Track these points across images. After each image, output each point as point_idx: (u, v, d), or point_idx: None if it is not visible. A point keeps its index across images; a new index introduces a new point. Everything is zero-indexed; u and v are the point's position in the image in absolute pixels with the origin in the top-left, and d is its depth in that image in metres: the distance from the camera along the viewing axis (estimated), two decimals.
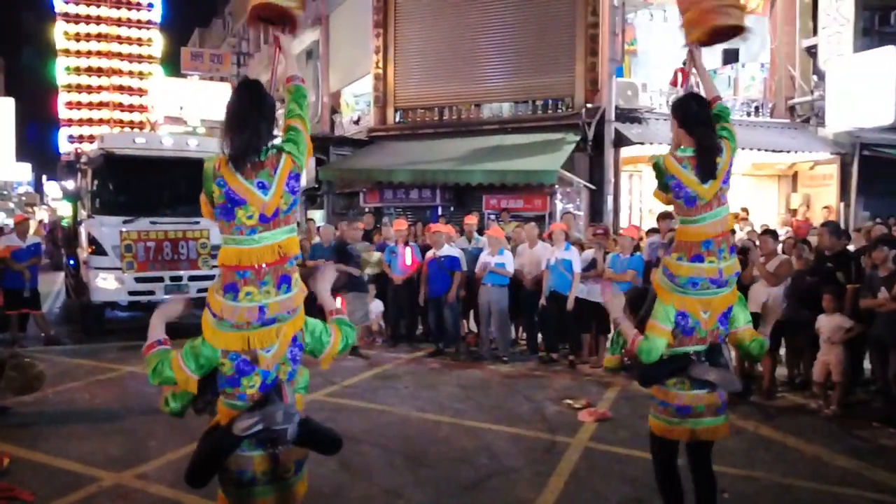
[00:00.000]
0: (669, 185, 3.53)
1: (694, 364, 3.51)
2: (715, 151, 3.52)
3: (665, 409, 3.66)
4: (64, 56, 34.64)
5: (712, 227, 3.49)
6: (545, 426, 6.30)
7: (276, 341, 2.80)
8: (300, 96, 3.14)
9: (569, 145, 13.41)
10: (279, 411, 2.69)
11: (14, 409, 6.43)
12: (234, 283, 2.78)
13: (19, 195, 51.38)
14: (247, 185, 2.80)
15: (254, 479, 2.81)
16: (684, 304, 3.49)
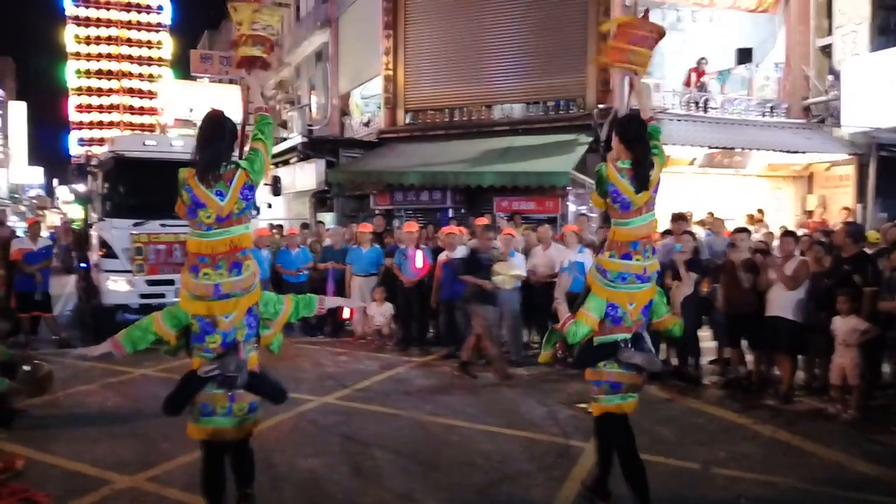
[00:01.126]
0: (608, 192, 4.13)
1: (622, 350, 4.11)
2: (649, 166, 4.10)
3: (600, 389, 4.25)
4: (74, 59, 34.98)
5: (640, 229, 4.12)
6: (559, 430, 6.23)
7: (234, 310, 3.82)
8: (264, 124, 4.13)
9: (581, 146, 13.33)
10: (233, 363, 3.76)
11: (28, 411, 6.42)
12: (195, 265, 3.79)
13: (31, 198, 51.73)
14: (207, 193, 3.75)
15: (213, 412, 3.87)
16: (614, 297, 4.11)
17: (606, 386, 4.22)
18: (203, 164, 3.79)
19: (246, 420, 3.99)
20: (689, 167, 14.65)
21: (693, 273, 7.84)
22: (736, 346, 7.96)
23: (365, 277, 10.57)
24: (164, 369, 8.54)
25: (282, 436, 6.00)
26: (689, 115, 14.49)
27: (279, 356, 9.26)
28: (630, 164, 4.08)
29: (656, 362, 4.42)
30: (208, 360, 3.79)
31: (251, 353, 3.97)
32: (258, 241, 10.81)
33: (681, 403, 7.21)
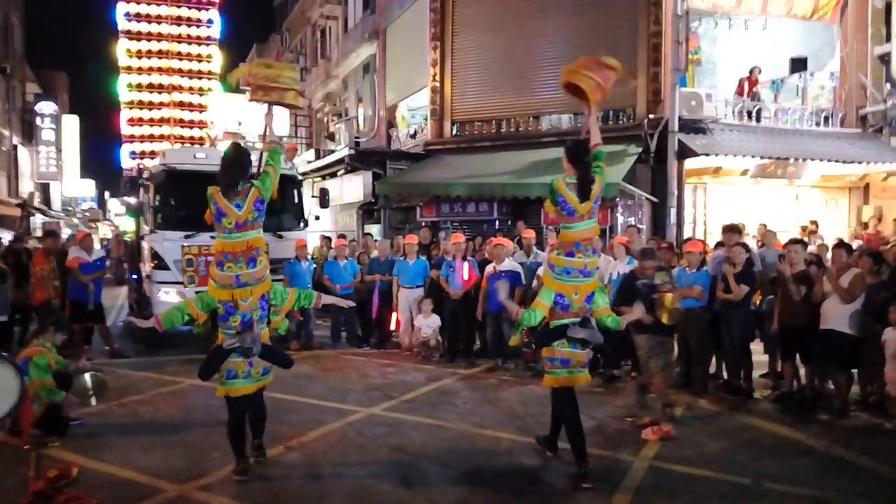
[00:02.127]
0: (558, 201, 5.15)
1: (570, 328, 5.13)
2: (590, 181, 5.11)
3: (553, 365, 5.31)
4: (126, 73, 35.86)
5: (582, 233, 5.16)
6: (607, 444, 6.12)
7: (250, 296, 5.01)
8: (275, 153, 5.30)
9: (630, 157, 13.13)
10: (249, 337, 4.91)
11: (82, 420, 6.55)
12: (220, 261, 5.01)
13: (83, 211, 53.18)
14: (228, 205, 4.98)
15: (236, 376, 5.09)
16: (561, 288, 5.15)
17: (558, 362, 5.29)
18: (225, 183, 5.02)
19: (261, 380, 5.27)
20: (742, 178, 14.34)
21: (744, 286, 7.66)
22: (789, 359, 7.74)
23: (411, 289, 10.57)
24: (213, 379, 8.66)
25: (329, 446, 6.00)
26: (741, 124, 14.21)
27: (328, 367, 9.37)
28: (576, 180, 5.11)
29: (598, 336, 5.25)
30: (230, 335, 4.95)
31: (263, 331, 5.13)
32: (298, 252, 10.91)
33: (732, 417, 7.03)
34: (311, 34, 30.92)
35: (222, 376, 5.08)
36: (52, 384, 6.15)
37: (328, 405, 7.39)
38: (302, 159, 24.23)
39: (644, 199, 13.45)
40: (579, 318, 5.15)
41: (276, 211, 11.59)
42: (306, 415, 7.01)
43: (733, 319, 7.82)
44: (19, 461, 5.32)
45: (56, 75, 46.13)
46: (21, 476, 5.00)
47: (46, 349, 6.34)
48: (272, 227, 11.11)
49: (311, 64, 30.66)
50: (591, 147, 5.26)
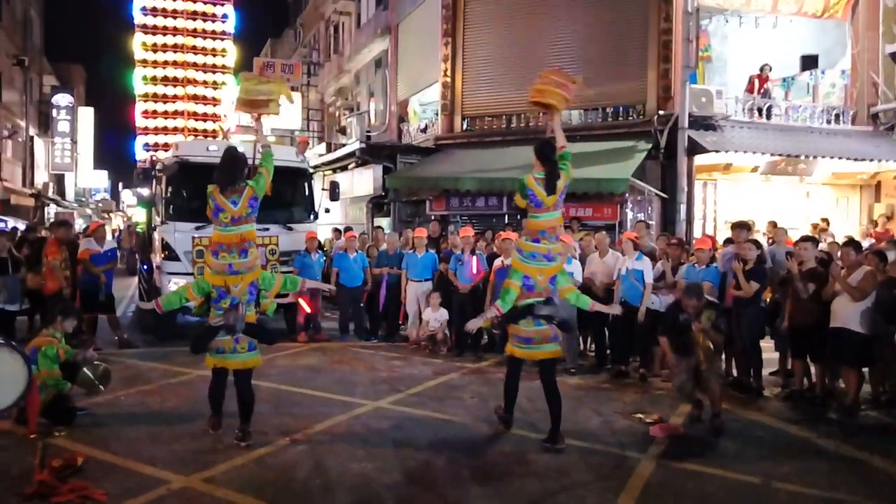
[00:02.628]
0: (527, 194, 5.84)
1: (535, 307, 5.78)
2: (556, 177, 5.82)
3: (517, 340, 5.99)
4: (141, 66, 36.00)
5: (547, 222, 5.84)
6: (615, 441, 6.10)
7: (240, 283, 5.66)
8: (267, 156, 6.04)
9: (640, 153, 13.08)
10: (232, 316, 5.59)
11: (89, 409, 6.57)
12: (216, 251, 5.69)
13: (96, 202, 53.50)
14: (225, 201, 5.66)
15: (224, 351, 5.75)
16: (527, 270, 5.80)
17: (522, 339, 5.95)
18: (223, 182, 5.71)
19: (248, 357, 5.85)
20: (752, 174, 14.26)
21: (754, 283, 7.61)
22: (799, 357, 7.69)
23: (420, 282, 10.57)
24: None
25: (335, 439, 6.01)
26: (751, 121, 14.13)
27: (335, 360, 9.40)
28: (543, 175, 5.82)
29: (559, 312, 6.01)
30: (217, 315, 5.66)
31: (249, 312, 5.76)
32: (308, 244, 10.94)
33: (741, 415, 6.98)
34: (324, 29, 30.95)
35: (212, 350, 5.79)
36: (59, 374, 6.19)
37: (335, 398, 7.41)
38: (313, 152, 24.27)
39: (654, 194, 13.40)
40: (543, 297, 5.82)
41: (287, 203, 11.66)
42: (312, 407, 7.03)
43: (743, 316, 7.78)
44: (25, 450, 5.37)
45: (73, 68, 46.44)
46: (27, 465, 5.04)
47: (56, 339, 6.38)
48: (283, 220, 11.15)
49: (324, 59, 30.69)
50: (559, 148, 5.94)
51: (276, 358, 9.60)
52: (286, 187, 11.83)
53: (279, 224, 11.05)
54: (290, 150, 13.08)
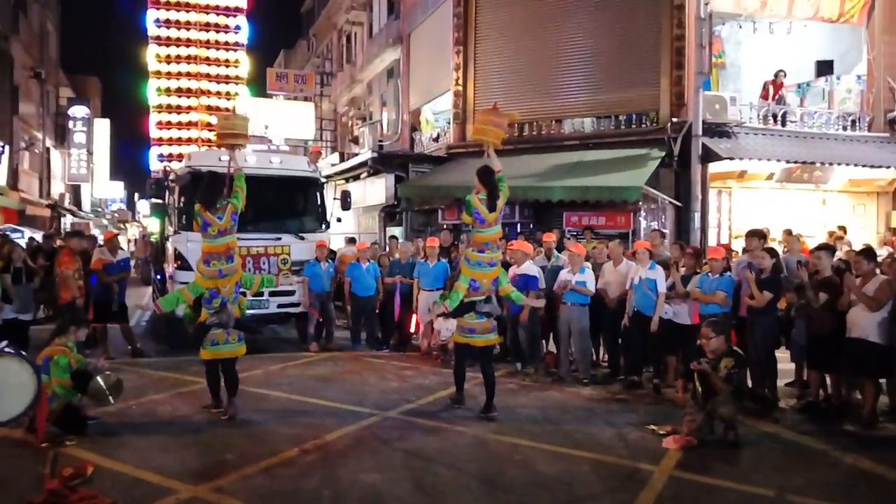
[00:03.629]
0: (472, 212, 6.87)
1: (478, 304, 7.04)
2: (496, 197, 6.93)
3: (462, 331, 7.22)
4: (155, 78, 36.40)
5: (490, 236, 6.98)
6: (627, 452, 6.01)
7: (228, 284, 6.80)
8: (240, 177, 7.08)
9: (653, 161, 13.00)
10: (225, 314, 6.77)
11: (100, 418, 6.57)
12: (207, 259, 6.75)
13: (112, 212, 53.93)
14: (212, 217, 6.74)
15: (217, 343, 6.86)
16: (474, 275, 6.97)
17: (467, 330, 7.17)
18: (208, 201, 6.82)
19: (237, 346, 6.99)
20: (767, 182, 14.13)
21: (767, 292, 7.50)
22: (815, 367, 7.57)
23: (432, 292, 10.52)
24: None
25: (345, 449, 5.98)
26: (766, 128, 14.01)
27: (346, 370, 9.38)
28: (485, 196, 6.89)
29: (497, 309, 7.37)
30: (211, 314, 6.78)
31: (234, 308, 6.91)
32: (318, 253, 10.96)
33: (756, 427, 6.86)
34: (336, 40, 31.12)
35: (206, 343, 6.83)
36: (70, 384, 6.19)
37: (345, 408, 7.38)
38: (326, 162, 24.39)
39: (667, 203, 13.30)
40: (485, 296, 7.06)
41: (299, 213, 11.70)
42: (323, 417, 7.00)
43: (757, 326, 7.67)
44: (36, 459, 5.38)
45: (89, 80, 46.93)
46: (37, 474, 5.05)
47: (68, 349, 6.40)
48: (294, 229, 11.18)
49: (337, 69, 30.86)
50: (496, 172, 7.01)
51: (286, 368, 9.60)
52: (298, 197, 11.88)
53: (291, 233, 11.08)
54: (303, 160, 13.12)
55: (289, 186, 11.66)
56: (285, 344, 11.75)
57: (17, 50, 27.49)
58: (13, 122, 27.00)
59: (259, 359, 10.16)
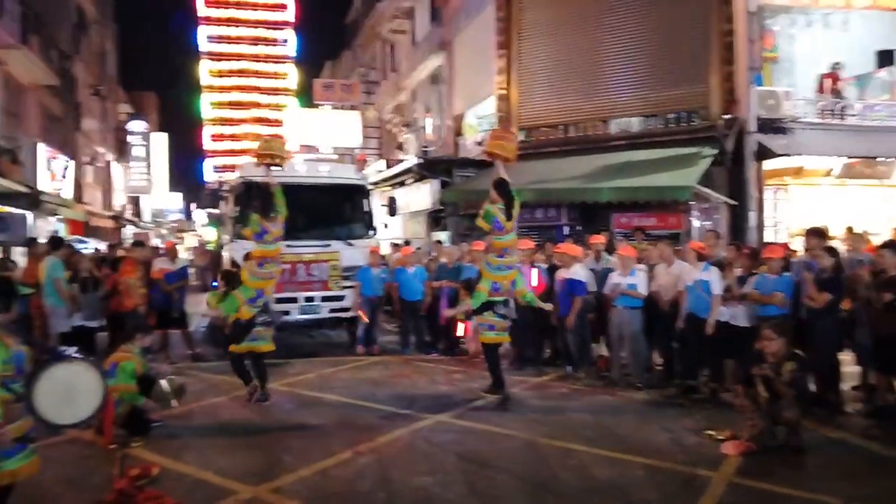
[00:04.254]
0: (492, 220, 7.47)
1: (497, 305, 7.71)
2: (512, 206, 7.57)
3: (484, 328, 7.88)
4: (208, 92, 37.45)
5: (508, 242, 7.66)
6: (684, 458, 5.89)
7: (272, 285, 7.96)
8: (279, 192, 7.98)
9: (705, 159, 12.74)
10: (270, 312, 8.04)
11: (164, 421, 6.78)
12: (261, 262, 7.71)
13: (171, 222, 55.48)
14: (268, 225, 7.74)
15: (257, 338, 7.78)
16: (496, 278, 7.61)
17: (487, 326, 7.83)
18: (264, 211, 7.84)
19: (271, 342, 7.95)
20: (826, 178, 13.73)
21: (827, 293, 7.29)
22: (881, 370, 7.30)
23: None
24: (287, 384, 8.88)
25: (397, 453, 6.03)
26: (823, 123, 13.58)
27: (396, 373, 9.45)
28: (503, 205, 7.51)
29: (513, 312, 8.10)
30: (259, 313, 7.71)
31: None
32: (370, 259, 11.07)
33: (821, 433, 6.65)
34: (380, 49, 31.43)
35: (246, 338, 7.72)
36: (135, 389, 6.41)
37: (396, 411, 7.44)
38: (372, 169, 24.62)
39: (721, 202, 13.04)
40: (504, 297, 7.73)
41: (347, 220, 11.85)
42: (375, 420, 7.08)
43: (818, 328, 7.44)
44: (105, 460, 5.57)
45: (146, 96, 48.46)
46: (106, 474, 5.23)
47: (133, 355, 6.62)
48: (343, 236, 11.33)
49: (381, 77, 31.15)
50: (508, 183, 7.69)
51: (338, 371, 9.73)
52: (346, 204, 12.04)
53: (340, 240, 11.23)
54: (350, 168, 13.30)
55: (337, 194, 11.84)
56: (336, 348, 11.90)
57: (79, 69, 28.54)
58: (77, 138, 28.02)
59: (312, 362, 10.33)
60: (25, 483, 3.91)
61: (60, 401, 3.80)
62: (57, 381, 3.81)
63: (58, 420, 3.84)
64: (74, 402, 3.89)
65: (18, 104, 21.36)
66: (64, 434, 6.08)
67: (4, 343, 3.67)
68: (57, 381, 3.81)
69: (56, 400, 3.79)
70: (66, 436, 6.14)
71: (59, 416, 3.82)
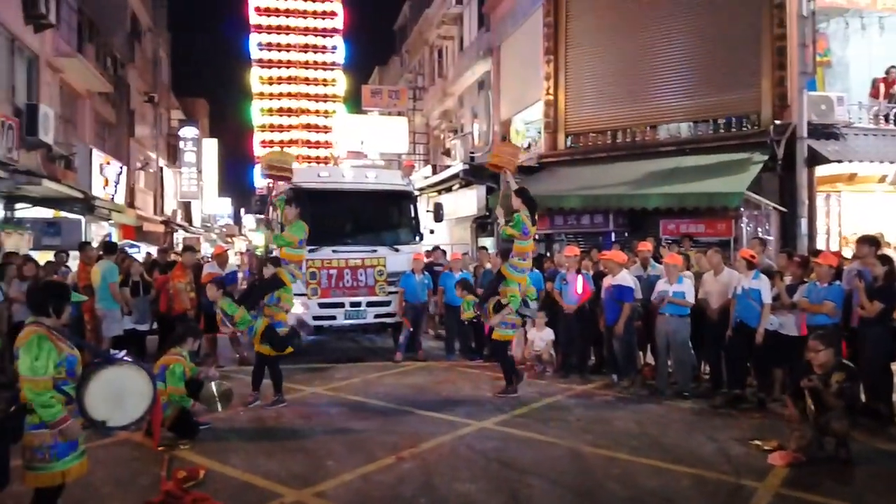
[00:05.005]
0: (522, 227, 8.14)
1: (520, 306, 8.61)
2: (535, 212, 8.47)
3: (506, 326, 8.62)
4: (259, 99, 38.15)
5: (530, 246, 8.42)
6: (730, 468, 5.80)
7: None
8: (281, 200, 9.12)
9: (755, 165, 12.49)
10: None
11: (211, 424, 6.95)
12: (299, 265, 8.69)
13: (221, 227, 56.66)
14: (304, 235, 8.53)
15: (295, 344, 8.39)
16: (519, 280, 8.40)
17: (509, 325, 8.59)
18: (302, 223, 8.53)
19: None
20: (879, 185, 13.33)
21: (878, 302, 7.08)
22: None
23: None
24: (332, 388, 9.00)
25: (440, 459, 6.06)
26: (877, 128, 13.20)
27: (440, 379, 9.46)
28: (527, 213, 8.23)
29: (534, 312, 9.40)
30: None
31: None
32: (414, 265, 11.14)
33: (871, 444, 6.50)
34: (428, 55, 31.64)
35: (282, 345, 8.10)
36: (184, 391, 6.59)
37: (440, 417, 7.48)
38: (419, 175, 24.77)
39: (772, 209, 12.76)
40: (523, 297, 8.62)
41: (393, 226, 11.96)
42: (418, 426, 7.12)
43: (869, 338, 7.25)
44: (153, 462, 5.74)
45: (197, 102, 49.61)
46: (154, 475, 5.39)
47: (182, 358, 6.81)
48: (389, 242, 11.43)
49: (429, 83, 31.34)
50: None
51: (383, 376, 9.81)
52: (392, 210, 12.15)
53: (386, 245, 11.33)
54: (397, 174, 13.42)
55: (384, 200, 11.96)
56: (381, 353, 12.00)
57: (132, 77, 29.40)
58: (129, 144, 28.85)
59: (356, 367, 10.44)
60: (75, 483, 4.03)
61: (111, 403, 3.89)
62: (108, 383, 3.90)
63: (108, 422, 3.93)
64: (124, 405, 3.98)
65: (74, 111, 22.08)
66: (114, 436, 6.28)
67: (57, 346, 3.77)
68: (108, 384, 3.90)
69: (107, 402, 3.89)
70: (116, 437, 6.33)
71: (109, 417, 3.91)
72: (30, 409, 3.70)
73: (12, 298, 8.81)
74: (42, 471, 3.77)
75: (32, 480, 3.80)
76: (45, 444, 3.74)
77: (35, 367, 3.65)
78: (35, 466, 3.76)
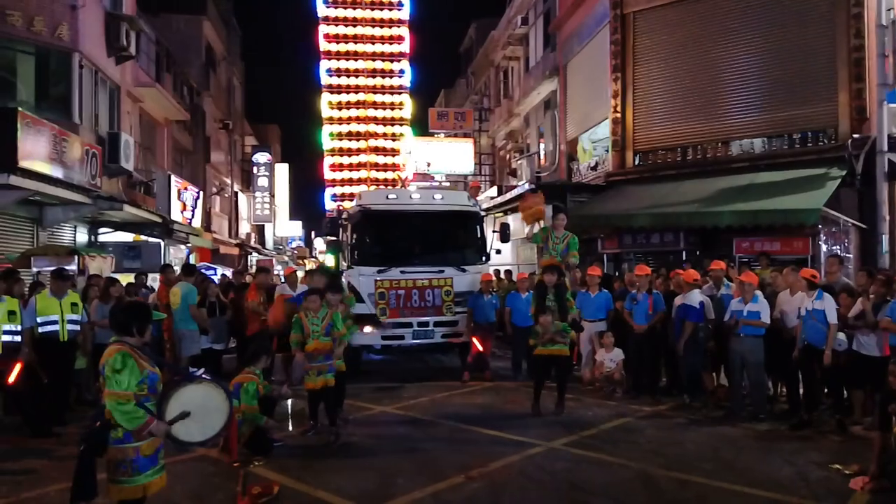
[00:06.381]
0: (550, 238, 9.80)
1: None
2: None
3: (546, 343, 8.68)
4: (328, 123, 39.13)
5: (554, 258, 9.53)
6: (809, 493, 5.60)
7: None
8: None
9: (833, 181, 12.08)
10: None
11: (283, 441, 7.12)
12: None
13: (292, 249, 58.02)
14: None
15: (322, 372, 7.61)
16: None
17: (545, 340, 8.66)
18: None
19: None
20: None
21: None
22: None
23: (593, 322, 10.43)
24: (401, 407, 9.09)
25: (509, 479, 6.05)
26: None
27: (508, 399, 9.44)
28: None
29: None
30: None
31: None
32: (483, 286, 11.18)
33: None
34: (494, 76, 31.85)
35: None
36: (257, 409, 6.78)
37: (508, 437, 7.46)
38: (485, 196, 24.84)
39: (850, 225, 12.29)
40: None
41: (460, 246, 12.04)
42: (487, 446, 7.13)
43: None
44: (229, 477, 5.92)
45: (270, 128, 51.20)
46: (230, 490, 5.55)
47: (256, 376, 7.02)
48: (456, 262, 11.51)
49: (494, 104, 31.51)
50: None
51: (451, 396, 9.86)
52: (459, 230, 12.24)
53: (453, 266, 11.41)
54: (463, 195, 13.52)
55: (450, 221, 12.07)
56: (449, 373, 12.05)
57: (208, 104, 30.65)
58: (206, 170, 30.00)
59: (424, 387, 10.51)
60: (155, 497, 4.18)
61: (190, 420, 4.04)
62: (186, 400, 4.06)
63: (186, 438, 4.07)
64: (202, 422, 4.11)
65: (153, 139, 23.16)
66: (192, 451, 6.50)
67: (139, 364, 3.93)
68: (186, 401, 4.05)
69: (186, 419, 4.04)
70: (194, 453, 6.52)
71: (187, 434, 4.04)
72: (114, 424, 3.88)
73: (93, 322, 9.17)
74: (125, 484, 3.92)
75: (116, 493, 3.96)
76: (128, 459, 3.90)
77: (119, 381, 3.83)
78: (119, 480, 3.92)
